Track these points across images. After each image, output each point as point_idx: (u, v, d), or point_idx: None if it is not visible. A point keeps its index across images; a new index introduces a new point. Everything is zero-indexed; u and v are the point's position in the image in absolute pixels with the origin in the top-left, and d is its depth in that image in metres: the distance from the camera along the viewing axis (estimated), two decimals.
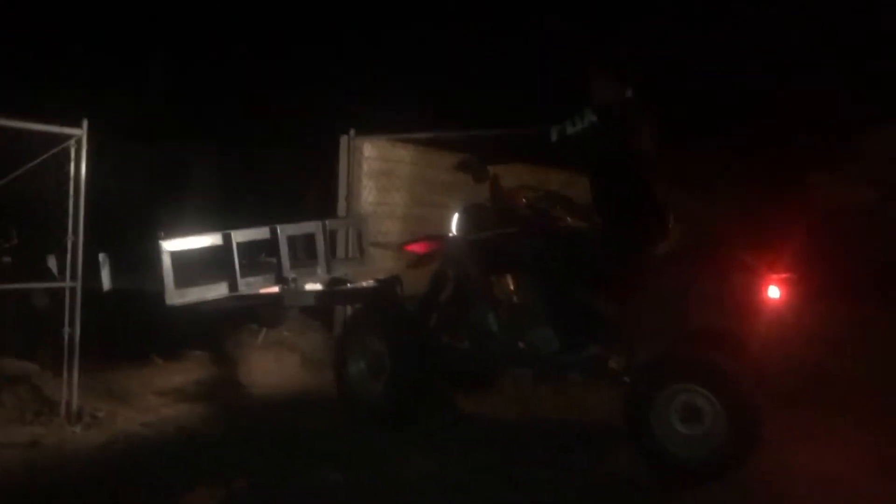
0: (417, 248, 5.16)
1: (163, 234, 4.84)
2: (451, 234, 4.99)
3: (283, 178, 12.28)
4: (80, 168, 5.23)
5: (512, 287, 4.77)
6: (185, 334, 6.52)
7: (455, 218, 4.91)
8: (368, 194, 7.45)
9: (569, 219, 4.75)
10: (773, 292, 4.01)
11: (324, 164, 8.08)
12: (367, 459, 4.34)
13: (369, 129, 7.41)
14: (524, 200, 4.70)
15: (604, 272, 4.23)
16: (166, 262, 4.84)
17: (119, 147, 13.02)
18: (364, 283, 5.59)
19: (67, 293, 5.23)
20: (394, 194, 7.70)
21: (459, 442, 4.65)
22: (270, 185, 12.40)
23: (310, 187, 10.47)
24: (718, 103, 10.70)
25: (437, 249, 4.99)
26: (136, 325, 6.29)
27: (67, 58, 13.51)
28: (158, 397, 5.75)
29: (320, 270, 5.78)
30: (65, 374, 5.22)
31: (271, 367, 6.38)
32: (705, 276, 4.13)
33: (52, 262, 5.80)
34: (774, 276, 4.04)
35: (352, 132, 7.37)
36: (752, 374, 4.02)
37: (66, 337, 5.22)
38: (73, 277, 5.25)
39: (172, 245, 4.88)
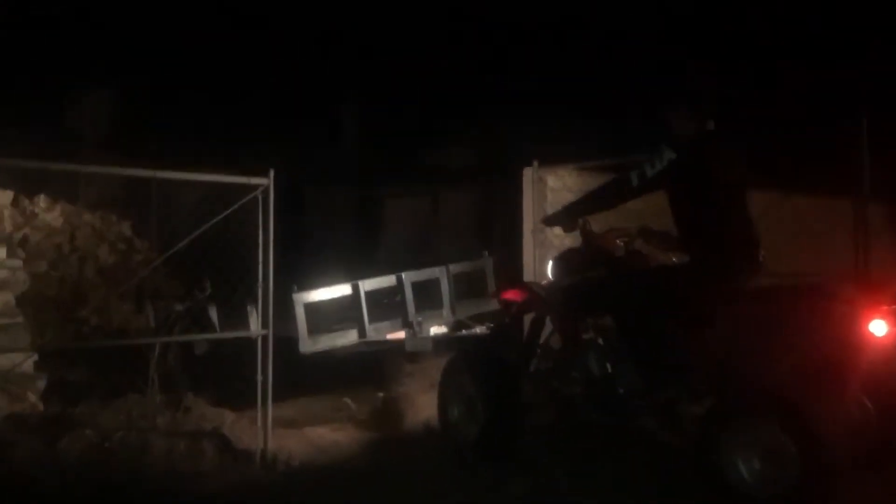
0: (512, 295, 5.12)
1: (296, 287, 5.17)
2: (543, 281, 5.00)
3: (469, 214, 12.25)
4: (269, 217, 5.31)
5: (599, 331, 4.65)
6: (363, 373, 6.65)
7: (549, 264, 4.91)
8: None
9: (671, 255, 4.55)
10: (878, 328, 3.66)
11: (509, 198, 7.90)
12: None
13: (552, 160, 7.12)
14: (618, 242, 4.62)
15: (687, 309, 4.04)
16: (300, 312, 5.20)
17: (313, 192, 13.63)
18: (477, 329, 5.93)
19: (259, 342, 5.31)
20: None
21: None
22: (457, 223, 12.40)
23: (495, 222, 10.36)
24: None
25: (528, 296, 4.98)
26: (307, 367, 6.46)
27: (256, 109, 14.34)
28: (344, 439, 5.75)
29: (445, 313, 6.31)
30: (259, 422, 5.29)
31: None
32: (793, 311, 3.86)
33: (213, 314, 6.14)
34: (879, 309, 3.69)
35: (535, 164, 7.13)
36: (836, 413, 3.75)
37: (259, 385, 5.29)
38: (265, 325, 5.34)
39: (306, 297, 5.49)
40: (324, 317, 6.34)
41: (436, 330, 6.37)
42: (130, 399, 5.84)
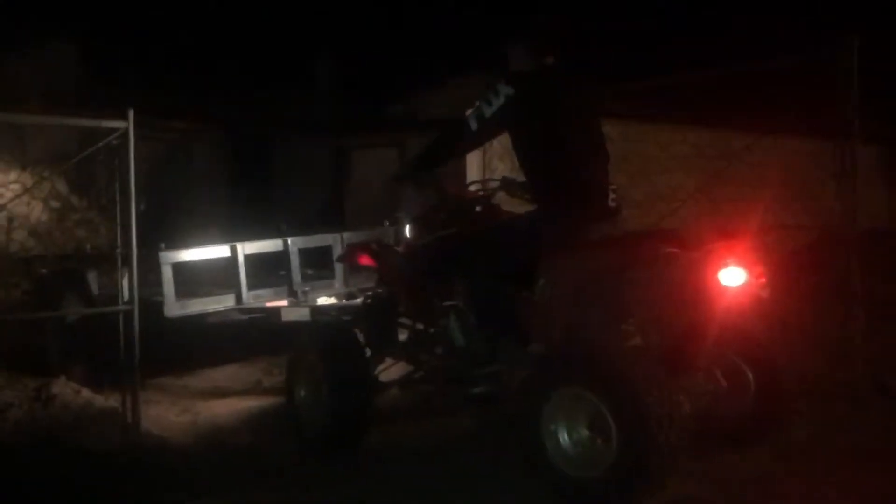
0: (367, 261, 4.58)
1: (164, 244, 4.82)
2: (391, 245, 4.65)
3: None
4: (129, 166, 4.44)
5: (447, 295, 4.08)
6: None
7: (407, 229, 4.39)
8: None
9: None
10: (730, 278, 3.15)
11: None
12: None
13: None
14: (478, 196, 4.20)
15: (522, 265, 3.60)
16: (167, 273, 4.98)
17: (281, 145, 12.81)
18: (359, 300, 5.33)
19: (122, 318, 4.47)
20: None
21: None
22: None
23: None
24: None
25: (378, 262, 4.48)
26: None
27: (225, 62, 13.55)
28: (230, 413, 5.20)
29: (337, 284, 5.75)
30: (128, 416, 4.48)
31: None
32: (627, 263, 3.34)
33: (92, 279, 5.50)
34: (732, 258, 3.18)
35: None
36: (673, 383, 3.17)
37: (126, 368, 4.49)
38: (129, 299, 4.49)
39: (174, 256, 5.02)
40: (208, 278, 5.78)
41: (324, 300, 5.73)
42: None
